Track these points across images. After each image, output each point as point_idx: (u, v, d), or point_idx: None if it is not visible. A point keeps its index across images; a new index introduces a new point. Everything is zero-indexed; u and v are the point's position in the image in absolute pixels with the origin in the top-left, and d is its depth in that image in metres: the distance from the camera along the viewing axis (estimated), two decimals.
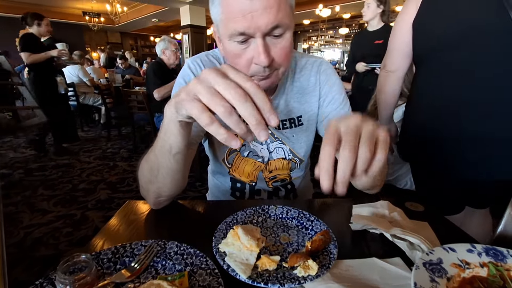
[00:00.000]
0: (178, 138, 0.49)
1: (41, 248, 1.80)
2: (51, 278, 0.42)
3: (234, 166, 0.84)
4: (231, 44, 0.60)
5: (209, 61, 0.77)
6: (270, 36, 0.58)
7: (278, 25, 0.56)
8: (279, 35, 0.58)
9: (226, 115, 0.36)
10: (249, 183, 0.87)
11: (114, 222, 0.63)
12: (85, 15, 9.46)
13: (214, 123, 0.37)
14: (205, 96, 0.37)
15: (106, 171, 3.10)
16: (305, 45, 14.91)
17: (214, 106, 0.36)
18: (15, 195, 2.51)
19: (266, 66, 0.59)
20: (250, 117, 0.35)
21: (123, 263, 0.47)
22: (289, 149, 0.82)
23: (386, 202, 0.68)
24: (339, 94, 0.78)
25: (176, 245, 0.50)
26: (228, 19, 0.57)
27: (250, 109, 0.35)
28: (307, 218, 0.60)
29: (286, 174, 0.85)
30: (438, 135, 0.91)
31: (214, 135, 0.37)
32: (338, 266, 0.48)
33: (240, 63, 0.61)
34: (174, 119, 0.45)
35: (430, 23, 0.90)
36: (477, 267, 0.44)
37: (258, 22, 0.54)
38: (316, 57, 0.82)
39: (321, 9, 8.41)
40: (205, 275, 0.44)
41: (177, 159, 0.53)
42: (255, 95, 0.36)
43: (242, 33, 0.56)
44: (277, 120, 0.36)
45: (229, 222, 0.58)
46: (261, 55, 0.57)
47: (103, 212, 2.26)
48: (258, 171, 0.84)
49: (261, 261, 0.47)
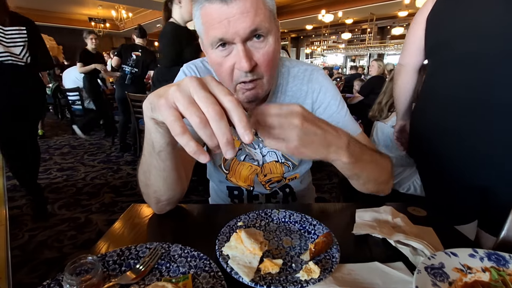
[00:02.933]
0: (157, 135, 0.48)
1: (45, 251, 1.81)
2: (58, 279, 0.43)
3: (231, 171, 0.84)
4: (214, 53, 0.60)
5: (204, 68, 0.77)
6: (251, 41, 0.58)
7: (256, 28, 0.56)
8: (261, 40, 0.58)
9: (200, 126, 0.36)
10: (246, 188, 0.87)
11: (118, 225, 0.64)
12: (91, 21, 9.64)
13: (185, 134, 0.36)
14: (182, 105, 0.37)
15: (110, 174, 3.12)
16: (308, 50, 15.00)
17: (190, 115, 0.36)
18: (20, 198, 2.54)
19: (249, 71, 0.58)
20: (221, 136, 0.35)
21: (128, 265, 0.48)
22: (281, 154, 0.82)
23: (389, 207, 0.68)
24: (334, 100, 0.76)
25: (180, 248, 0.51)
26: (208, 28, 0.57)
27: (223, 128, 0.35)
28: (309, 222, 0.61)
29: (280, 176, 0.85)
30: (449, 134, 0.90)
31: (183, 146, 0.37)
32: (340, 270, 0.48)
33: (223, 71, 0.61)
34: (148, 115, 0.45)
35: (443, 18, 0.90)
36: (479, 272, 0.44)
37: (235, 27, 0.54)
38: (308, 65, 0.81)
39: (324, 15, 8.47)
40: (208, 277, 0.44)
41: (162, 158, 0.52)
42: (233, 111, 0.36)
43: (221, 39, 0.56)
44: (251, 138, 0.37)
45: (232, 225, 0.59)
46: (242, 59, 0.56)
47: (107, 215, 2.27)
48: (254, 174, 0.84)
49: (264, 265, 0.47)
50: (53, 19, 9.84)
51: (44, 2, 8.58)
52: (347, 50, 12.76)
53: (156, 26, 10.81)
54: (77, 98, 4.53)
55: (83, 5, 9.14)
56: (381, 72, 4.05)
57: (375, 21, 10.30)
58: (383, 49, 11.37)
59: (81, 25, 10.65)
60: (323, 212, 0.73)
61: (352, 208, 0.69)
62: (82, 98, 4.56)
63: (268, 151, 0.82)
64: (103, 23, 9.91)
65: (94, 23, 9.74)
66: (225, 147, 0.36)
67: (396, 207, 0.69)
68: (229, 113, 0.37)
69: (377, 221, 0.63)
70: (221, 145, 0.36)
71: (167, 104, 0.38)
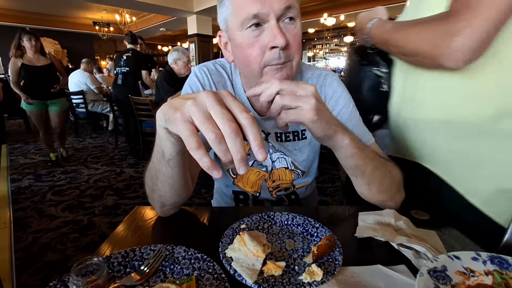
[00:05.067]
0: (168, 144, 0.49)
1: (48, 253, 1.82)
2: (64, 280, 0.43)
3: (239, 176, 0.85)
4: (243, 34, 0.59)
5: (215, 70, 0.77)
6: (282, 21, 0.58)
7: (290, 6, 0.56)
8: (291, 22, 0.59)
9: (216, 142, 0.36)
10: (252, 194, 0.87)
11: (122, 227, 0.64)
12: (95, 25, 9.74)
13: (200, 149, 0.37)
14: (199, 119, 0.37)
15: (113, 177, 3.14)
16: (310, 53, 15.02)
17: (206, 131, 0.37)
18: (24, 201, 2.56)
19: (283, 49, 0.58)
20: (236, 153, 0.36)
21: (132, 267, 0.48)
22: (290, 161, 0.82)
23: (392, 210, 0.68)
24: (347, 107, 0.75)
25: (184, 250, 0.51)
26: (239, 8, 0.58)
27: (238, 146, 0.36)
28: (312, 225, 0.61)
29: (289, 183, 0.86)
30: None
31: (197, 160, 0.37)
32: (343, 273, 0.48)
33: (253, 53, 0.60)
34: (162, 125, 0.45)
35: None
36: (482, 275, 0.44)
37: (271, 2, 0.55)
38: (321, 69, 0.80)
39: (326, 18, 8.49)
40: (212, 279, 0.45)
41: (171, 166, 0.53)
42: (248, 128, 0.37)
43: (255, 15, 0.56)
44: (265, 156, 0.38)
45: (236, 228, 0.59)
46: (277, 35, 0.56)
47: (110, 218, 2.28)
48: (262, 180, 0.84)
49: (267, 267, 0.48)
50: (58, 23, 9.96)
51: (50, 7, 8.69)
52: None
53: (159, 29, 10.91)
54: (81, 101, 4.58)
55: (87, 10, 9.24)
56: None
57: None
58: None
59: (85, 29, 10.76)
60: (326, 215, 0.74)
61: (355, 211, 0.69)
62: (86, 101, 4.61)
63: (278, 157, 0.82)
64: (107, 27, 10.01)
65: (98, 27, 9.84)
66: (239, 164, 0.37)
67: (398, 210, 0.69)
68: (245, 129, 0.38)
69: (380, 224, 0.63)
70: (235, 162, 0.37)
71: (182, 118, 0.39)
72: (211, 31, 8.01)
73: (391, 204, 0.69)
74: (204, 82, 0.75)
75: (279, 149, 0.81)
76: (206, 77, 0.76)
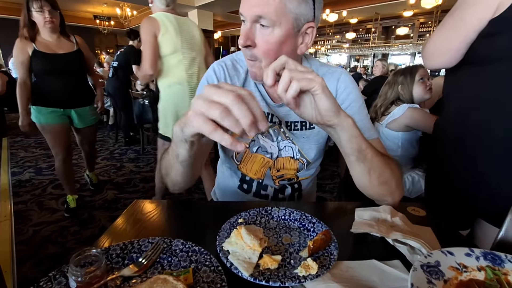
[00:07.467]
0: (183, 150, 0.56)
1: (49, 246, 1.84)
2: (64, 270, 0.44)
3: (243, 163, 0.86)
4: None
5: (232, 65, 0.83)
6: (258, 25, 0.63)
7: (261, 16, 0.61)
8: (265, 29, 0.63)
9: (223, 115, 0.39)
10: (256, 180, 0.88)
11: (121, 220, 0.65)
12: (96, 18, 9.69)
13: (217, 130, 0.41)
14: (204, 107, 0.41)
15: (113, 171, 3.15)
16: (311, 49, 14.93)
17: (213, 112, 0.40)
18: (25, 194, 2.57)
19: (244, 47, 0.66)
20: (243, 118, 0.39)
21: (131, 259, 0.49)
22: (298, 149, 0.84)
23: (388, 206, 0.68)
24: (356, 102, 0.78)
25: (182, 242, 0.52)
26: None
27: (244, 110, 0.39)
28: (309, 220, 0.62)
29: (293, 173, 0.87)
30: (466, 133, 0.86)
31: (219, 141, 0.41)
32: (338, 267, 0.49)
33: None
34: (179, 137, 0.52)
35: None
36: (474, 271, 0.44)
37: (247, 5, 0.62)
38: (336, 68, 0.84)
39: (328, 14, 8.44)
40: (209, 271, 0.46)
41: (183, 165, 0.61)
42: (249, 100, 0.41)
43: (240, 13, 0.64)
44: (266, 126, 0.42)
45: (233, 222, 0.60)
46: (241, 35, 0.65)
47: (110, 212, 2.30)
48: (266, 168, 0.85)
49: (263, 260, 0.48)
50: None
51: None
52: (351, 49, 12.70)
53: None
54: None
55: (88, 3, 9.19)
56: (385, 73, 4.03)
57: (380, 20, 10.24)
58: (387, 49, 11.28)
59: (86, 23, 10.72)
60: (323, 210, 0.74)
61: (352, 207, 0.70)
62: None
63: (285, 145, 0.83)
64: (107, 21, 9.97)
65: (99, 21, 9.80)
66: (249, 128, 0.40)
67: (395, 207, 0.69)
68: (246, 101, 0.41)
69: (376, 220, 0.64)
70: (245, 127, 0.40)
71: (194, 114, 0.43)
72: (212, 26, 7.96)
73: (390, 200, 0.69)
74: (220, 75, 0.81)
75: (289, 136, 0.83)
76: (223, 71, 0.81)
